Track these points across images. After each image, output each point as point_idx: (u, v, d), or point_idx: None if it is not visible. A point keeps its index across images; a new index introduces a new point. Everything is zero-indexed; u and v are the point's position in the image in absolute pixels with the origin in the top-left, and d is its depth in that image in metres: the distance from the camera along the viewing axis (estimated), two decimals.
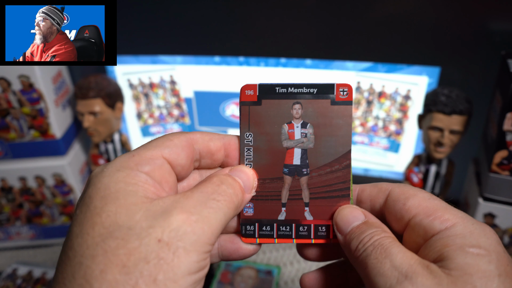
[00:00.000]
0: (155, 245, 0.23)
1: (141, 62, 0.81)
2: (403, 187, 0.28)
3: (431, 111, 0.66)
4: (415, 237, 0.26)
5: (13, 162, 0.77)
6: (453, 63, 0.74)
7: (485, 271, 0.22)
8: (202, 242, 0.24)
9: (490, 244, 0.24)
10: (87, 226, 0.24)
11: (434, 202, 0.27)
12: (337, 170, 0.30)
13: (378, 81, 0.76)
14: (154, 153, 0.27)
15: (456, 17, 0.72)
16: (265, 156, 0.31)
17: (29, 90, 0.69)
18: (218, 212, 0.25)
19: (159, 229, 0.23)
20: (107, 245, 0.23)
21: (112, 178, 0.25)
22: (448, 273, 0.23)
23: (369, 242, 0.26)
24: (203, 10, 0.78)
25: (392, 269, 0.24)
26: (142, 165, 0.26)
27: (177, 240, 0.23)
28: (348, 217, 0.29)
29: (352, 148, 0.82)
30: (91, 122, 0.73)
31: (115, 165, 0.26)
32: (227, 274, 0.75)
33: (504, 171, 0.61)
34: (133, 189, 0.25)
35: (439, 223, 0.25)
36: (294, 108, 0.30)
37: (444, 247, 0.24)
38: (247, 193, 0.29)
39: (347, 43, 0.77)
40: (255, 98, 0.30)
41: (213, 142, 0.30)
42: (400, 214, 0.27)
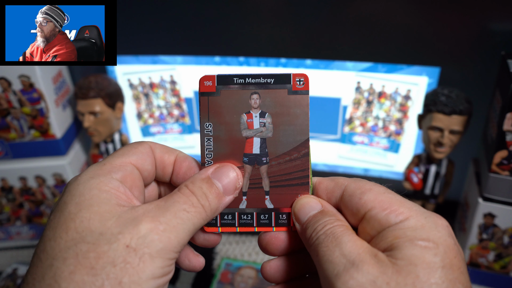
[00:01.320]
0: (123, 250, 0.24)
1: (141, 62, 0.81)
2: (358, 182, 0.29)
3: (431, 111, 0.66)
4: (369, 230, 0.27)
5: (13, 162, 0.77)
6: (453, 63, 0.74)
7: (429, 263, 0.23)
8: (168, 250, 0.25)
9: (440, 237, 0.24)
10: (61, 230, 0.25)
11: (389, 196, 0.27)
12: (296, 159, 0.31)
13: (378, 81, 0.76)
14: (123, 160, 0.29)
15: (456, 17, 0.72)
16: (225, 145, 0.31)
17: (29, 90, 0.70)
18: (186, 222, 0.27)
19: (128, 235, 0.24)
20: (78, 248, 0.24)
21: (86, 185, 0.27)
22: (394, 263, 0.23)
23: (322, 231, 0.27)
24: (203, 10, 0.78)
25: (340, 257, 0.25)
26: (115, 171, 0.28)
27: (144, 246, 0.24)
28: (305, 206, 0.30)
29: (353, 148, 0.83)
30: (92, 122, 0.73)
31: (89, 173, 0.28)
32: (227, 274, 0.75)
33: (504, 171, 0.61)
34: (107, 197, 0.26)
35: (394, 216, 0.26)
36: (252, 98, 0.31)
37: (395, 238, 0.25)
38: (228, 195, 0.30)
39: (347, 43, 0.77)
40: (213, 89, 0.31)
41: (167, 155, 0.31)
42: (356, 208, 0.28)
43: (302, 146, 0.31)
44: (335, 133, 0.82)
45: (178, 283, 0.76)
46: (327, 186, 0.31)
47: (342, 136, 0.82)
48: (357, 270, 0.24)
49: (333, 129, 0.82)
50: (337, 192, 0.30)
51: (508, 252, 0.67)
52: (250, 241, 0.84)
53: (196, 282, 0.76)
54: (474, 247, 0.69)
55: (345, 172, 0.85)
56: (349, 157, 0.84)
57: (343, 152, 0.83)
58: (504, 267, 0.69)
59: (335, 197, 0.30)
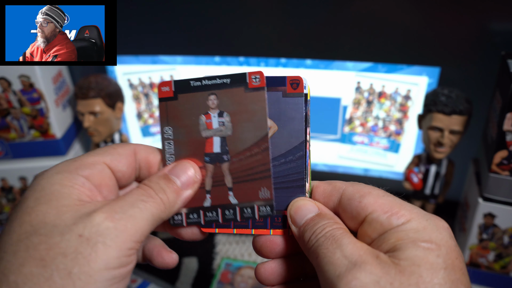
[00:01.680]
0: (75, 240, 0.23)
1: (141, 62, 0.81)
2: (357, 186, 0.29)
3: (431, 111, 0.66)
4: (371, 232, 0.27)
5: (13, 162, 0.77)
6: (453, 63, 0.74)
7: (432, 264, 0.23)
8: (124, 239, 0.25)
9: (442, 239, 0.25)
10: (15, 224, 0.25)
11: (389, 198, 0.27)
12: (257, 154, 0.31)
13: (378, 81, 0.76)
14: (95, 159, 0.28)
15: (456, 17, 0.72)
16: (186, 147, 0.31)
17: (29, 90, 0.70)
18: (144, 211, 0.26)
19: (81, 225, 0.24)
20: (30, 241, 0.23)
21: (49, 180, 0.26)
22: (397, 263, 0.24)
23: (321, 233, 0.27)
24: (203, 10, 0.78)
25: (342, 258, 0.25)
26: (82, 169, 0.27)
27: (98, 235, 0.24)
28: (302, 209, 0.30)
29: (353, 148, 0.83)
30: (92, 122, 0.73)
31: (56, 168, 0.27)
32: (227, 274, 0.75)
33: (504, 171, 0.61)
34: (68, 192, 0.26)
35: (396, 218, 0.26)
36: (210, 99, 0.31)
37: (398, 240, 0.25)
38: (187, 190, 0.30)
39: (347, 43, 0.77)
40: (171, 94, 0.31)
41: (153, 155, 0.31)
42: (356, 212, 0.28)
43: (262, 141, 0.31)
44: (335, 133, 0.82)
45: (178, 283, 0.76)
46: (324, 189, 0.31)
47: (342, 136, 0.82)
48: (359, 270, 0.23)
49: (333, 129, 0.82)
50: (335, 196, 0.30)
51: (508, 252, 0.67)
52: (250, 241, 0.84)
53: (196, 282, 0.76)
54: (474, 247, 0.69)
55: (345, 172, 0.85)
56: (349, 157, 0.84)
57: (343, 152, 0.83)
58: (504, 267, 0.69)
59: (332, 201, 0.30)
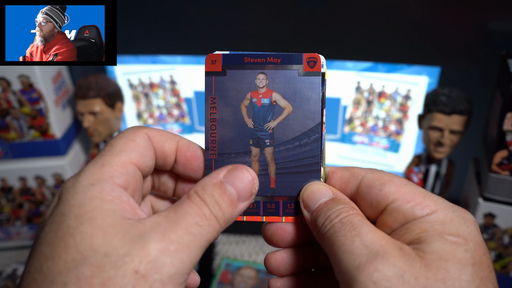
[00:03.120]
0: (131, 276, 0.21)
1: (141, 62, 0.81)
2: (377, 173, 0.27)
3: (431, 111, 0.66)
4: (391, 222, 0.25)
5: (13, 162, 0.77)
6: (453, 63, 0.74)
7: (460, 259, 0.22)
8: (180, 274, 0.22)
9: (470, 233, 0.23)
10: (59, 249, 0.22)
11: (412, 187, 0.26)
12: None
13: (378, 81, 0.76)
14: (123, 160, 0.25)
15: (456, 17, 0.72)
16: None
17: (29, 90, 0.69)
18: (200, 239, 0.24)
19: (136, 258, 0.21)
20: (80, 272, 0.21)
21: (86, 194, 0.23)
22: (423, 256, 0.22)
23: (337, 219, 0.25)
24: (203, 10, 0.78)
25: (362, 247, 0.23)
26: (117, 176, 0.25)
27: (155, 272, 0.21)
28: (315, 193, 0.28)
29: (352, 148, 0.83)
30: (91, 122, 0.73)
31: (87, 178, 0.24)
32: (227, 274, 0.75)
33: (504, 171, 0.61)
34: (110, 208, 0.23)
35: (420, 209, 0.24)
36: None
37: (423, 231, 0.23)
38: (243, 202, 0.26)
39: (347, 43, 0.77)
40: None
41: (168, 144, 0.28)
42: (376, 200, 0.26)
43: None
44: (335, 133, 0.82)
45: None
46: (341, 176, 0.29)
47: (342, 136, 0.82)
48: (382, 262, 0.22)
49: (333, 129, 0.82)
50: (352, 183, 0.28)
51: (508, 252, 0.67)
52: (250, 241, 0.84)
53: None
54: None
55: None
56: (349, 157, 0.84)
57: (343, 152, 0.83)
58: (504, 267, 0.69)
59: (350, 188, 0.28)
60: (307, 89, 0.29)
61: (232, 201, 0.26)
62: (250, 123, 0.30)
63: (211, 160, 0.30)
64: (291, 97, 0.29)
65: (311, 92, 0.29)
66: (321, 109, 0.29)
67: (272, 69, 0.29)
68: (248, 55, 0.29)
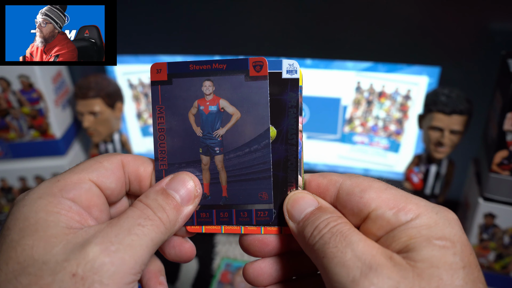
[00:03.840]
0: (69, 281, 0.21)
1: (141, 62, 0.80)
2: (355, 179, 0.27)
3: (431, 111, 0.66)
4: (376, 230, 0.25)
5: (13, 162, 0.77)
6: (453, 63, 0.74)
7: (451, 264, 0.22)
8: (123, 273, 0.22)
9: (455, 235, 0.23)
10: (1, 261, 0.22)
11: (392, 191, 0.25)
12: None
13: (378, 81, 0.76)
14: (81, 177, 0.26)
15: (457, 17, 0.72)
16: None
17: (29, 90, 0.69)
18: (143, 238, 0.24)
19: (74, 262, 0.21)
20: (18, 282, 0.21)
21: (32, 208, 0.24)
22: (414, 265, 0.22)
23: (326, 229, 0.24)
24: (203, 10, 0.78)
25: (354, 259, 0.22)
26: (67, 190, 0.25)
27: (93, 273, 0.21)
28: (300, 202, 0.27)
29: (352, 148, 0.83)
30: (91, 122, 0.73)
31: (38, 192, 0.25)
32: (227, 274, 0.75)
33: (504, 171, 0.61)
34: (54, 219, 0.23)
35: (404, 214, 0.24)
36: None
37: (410, 238, 0.23)
38: (187, 205, 0.27)
39: (347, 43, 0.77)
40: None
41: (143, 167, 0.29)
42: (357, 208, 0.26)
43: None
44: (335, 133, 0.82)
45: (178, 284, 0.76)
46: (319, 184, 0.28)
47: (342, 136, 0.82)
48: (376, 275, 0.21)
49: (333, 129, 0.82)
50: (331, 191, 0.27)
51: (508, 252, 0.67)
52: None
53: (196, 282, 0.76)
54: (474, 247, 0.69)
55: (345, 172, 0.85)
56: (349, 157, 0.84)
57: (343, 152, 0.83)
58: (505, 267, 0.69)
59: (329, 196, 0.27)
60: (254, 94, 0.28)
61: (176, 204, 0.26)
62: (199, 131, 0.29)
63: (161, 171, 0.29)
64: (238, 103, 0.28)
65: (258, 97, 0.28)
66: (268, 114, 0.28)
67: (218, 76, 0.29)
68: (193, 62, 0.29)
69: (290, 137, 0.28)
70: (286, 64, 0.28)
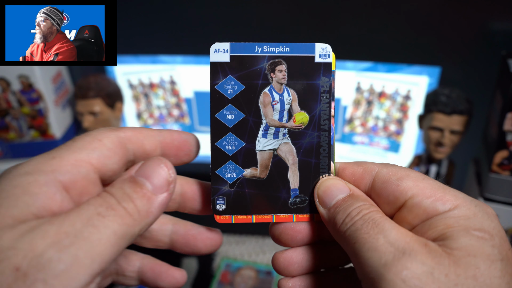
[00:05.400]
0: (10, 274, 0.18)
1: (141, 62, 0.80)
2: (391, 168, 0.26)
3: (432, 111, 0.66)
4: (412, 219, 0.24)
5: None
6: (453, 63, 0.74)
7: (489, 255, 0.21)
8: (74, 274, 0.19)
9: (494, 228, 0.23)
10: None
11: (430, 182, 0.25)
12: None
13: (378, 81, 0.76)
14: (79, 157, 0.23)
15: (456, 17, 0.72)
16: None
17: (28, 90, 0.69)
18: (103, 231, 0.20)
19: (21, 253, 0.18)
20: None
21: (13, 181, 0.21)
22: (450, 253, 0.21)
23: (358, 216, 0.24)
24: (203, 10, 0.78)
25: (386, 245, 0.22)
26: (62, 172, 0.22)
27: (37, 270, 0.18)
28: (332, 189, 0.27)
29: (352, 148, 0.82)
30: (91, 122, 0.73)
31: (28, 166, 0.22)
32: (227, 274, 0.75)
33: (504, 171, 0.61)
34: (27, 201, 0.20)
35: (441, 204, 0.24)
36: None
37: (448, 227, 0.22)
38: (159, 194, 0.24)
39: (347, 43, 0.77)
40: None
41: (147, 140, 0.26)
42: (393, 196, 0.25)
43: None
44: (335, 133, 0.82)
45: None
46: (354, 172, 0.27)
47: (342, 136, 0.82)
48: (410, 259, 0.21)
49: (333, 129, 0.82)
50: (366, 179, 0.27)
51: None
52: (250, 241, 0.83)
53: (196, 282, 0.76)
54: None
55: None
56: (349, 157, 0.84)
57: (343, 152, 0.83)
58: None
59: (364, 184, 0.27)
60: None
61: (146, 193, 0.23)
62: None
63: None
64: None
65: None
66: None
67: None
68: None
69: (323, 122, 0.28)
70: (319, 48, 0.27)
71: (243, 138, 0.28)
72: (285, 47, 0.27)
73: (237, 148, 0.28)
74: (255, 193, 0.28)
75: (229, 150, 0.28)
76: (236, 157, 0.28)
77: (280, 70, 0.27)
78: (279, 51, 0.27)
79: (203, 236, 0.29)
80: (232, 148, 0.28)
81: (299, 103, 0.27)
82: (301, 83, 0.27)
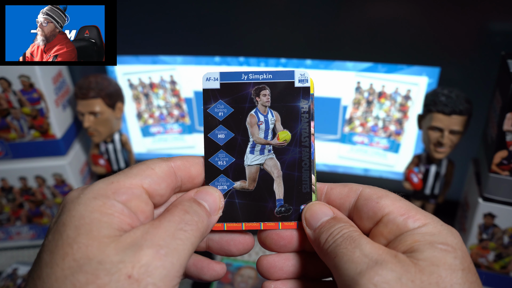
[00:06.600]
0: (125, 281, 0.22)
1: (141, 62, 0.81)
2: (373, 188, 0.30)
3: (431, 111, 0.66)
4: (386, 233, 0.28)
5: (13, 162, 0.77)
6: (453, 63, 0.74)
7: (451, 264, 0.24)
8: (172, 276, 0.24)
9: (457, 243, 0.26)
10: (58, 257, 0.23)
11: (405, 202, 0.29)
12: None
13: (378, 81, 0.76)
14: (133, 182, 0.27)
15: (456, 17, 0.72)
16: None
17: (29, 90, 0.70)
18: (186, 242, 0.26)
19: (129, 264, 0.23)
20: (76, 279, 0.22)
21: (87, 207, 0.25)
22: (416, 263, 0.24)
23: (339, 234, 0.27)
24: (203, 10, 0.78)
25: (362, 257, 0.25)
26: (120, 194, 0.26)
27: (147, 276, 0.23)
28: (318, 212, 0.30)
29: (352, 148, 0.83)
30: (92, 122, 0.73)
31: (92, 191, 0.26)
32: (227, 274, 0.75)
33: (504, 171, 0.61)
34: (108, 220, 0.24)
35: (412, 221, 0.27)
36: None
37: (414, 242, 0.26)
38: (213, 215, 0.30)
39: (347, 43, 0.77)
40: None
41: (194, 168, 0.31)
42: (372, 212, 0.29)
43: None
44: (335, 133, 0.82)
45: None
46: (340, 191, 0.31)
47: (342, 136, 0.82)
48: (381, 267, 0.24)
49: (333, 129, 0.82)
50: (351, 197, 0.30)
51: (508, 252, 0.67)
52: None
53: (196, 282, 0.76)
54: (474, 247, 0.69)
55: (345, 172, 0.85)
56: (349, 157, 0.84)
57: (343, 152, 0.83)
58: (504, 267, 0.69)
59: (349, 202, 0.31)
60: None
61: (207, 212, 0.29)
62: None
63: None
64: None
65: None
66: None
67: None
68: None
69: (304, 140, 0.31)
70: (298, 74, 0.31)
71: (233, 154, 0.31)
72: (268, 74, 0.31)
73: (228, 163, 0.31)
74: (244, 203, 0.32)
75: (220, 165, 0.31)
76: (227, 171, 0.31)
77: (264, 94, 0.31)
78: (263, 78, 0.31)
79: (236, 241, 0.32)
80: (224, 163, 0.31)
81: (282, 123, 0.31)
82: (283, 105, 0.31)
